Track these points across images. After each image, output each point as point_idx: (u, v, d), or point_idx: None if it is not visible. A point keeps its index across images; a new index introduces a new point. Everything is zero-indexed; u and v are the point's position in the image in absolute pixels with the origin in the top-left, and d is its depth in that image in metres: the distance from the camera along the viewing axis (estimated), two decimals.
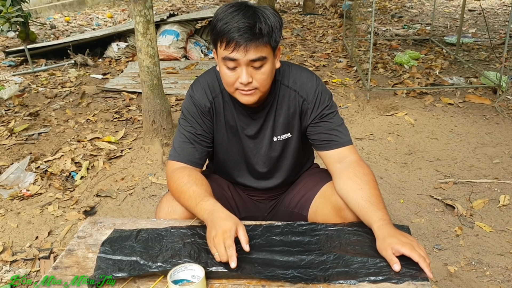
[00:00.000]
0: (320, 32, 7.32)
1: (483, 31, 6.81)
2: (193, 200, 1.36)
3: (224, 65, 1.36)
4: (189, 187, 1.39)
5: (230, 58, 1.32)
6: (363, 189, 1.35)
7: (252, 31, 1.29)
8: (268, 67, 1.37)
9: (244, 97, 1.39)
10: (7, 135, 3.69)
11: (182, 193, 1.40)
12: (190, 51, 5.97)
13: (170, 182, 1.46)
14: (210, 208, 1.31)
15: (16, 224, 2.61)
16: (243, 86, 1.36)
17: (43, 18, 9.07)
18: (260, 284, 1.16)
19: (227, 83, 1.39)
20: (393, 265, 1.16)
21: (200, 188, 1.39)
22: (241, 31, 1.28)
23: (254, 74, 1.35)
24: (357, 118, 3.92)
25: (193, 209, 1.36)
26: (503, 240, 2.37)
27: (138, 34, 3.12)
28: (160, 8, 10.51)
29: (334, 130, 1.49)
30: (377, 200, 1.32)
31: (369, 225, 1.29)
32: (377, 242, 1.23)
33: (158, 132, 3.35)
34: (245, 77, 1.33)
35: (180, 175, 1.44)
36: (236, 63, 1.33)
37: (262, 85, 1.38)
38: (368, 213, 1.30)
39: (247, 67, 1.33)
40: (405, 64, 5.22)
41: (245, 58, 1.31)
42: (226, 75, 1.37)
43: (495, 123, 3.72)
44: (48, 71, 5.50)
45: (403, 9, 9.36)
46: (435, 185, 2.89)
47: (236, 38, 1.29)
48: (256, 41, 1.30)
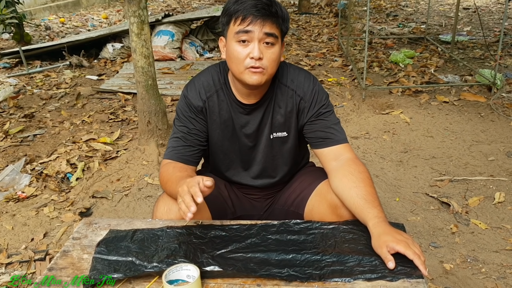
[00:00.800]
0: (315, 32, 7.33)
1: (478, 29, 6.83)
2: (175, 184, 1.35)
3: (236, 40, 1.38)
4: (172, 174, 1.42)
5: (245, 31, 1.35)
6: (358, 186, 1.35)
7: (269, 9, 1.35)
8: (278, 49, 1.40)
9: (253, 76, 1.39)
10: (2, 137, 3.68)
11: (167, 181, 1.43)
12: (185, 52, 5.96)
13: (159, 177, 1.50)
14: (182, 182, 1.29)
15: (11, 226, 2.60)
16: (254, 63, 1.37)
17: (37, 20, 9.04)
18: (255, 283, 1.16)
19: (237, 60, 1.39)
20: (388, 262, 1.16)
21: (182, 174, 1.41)
22: (258, 7, 1.34)
23: (265, 52, 1.38)
24: (353, 117, 3.93)
25: (175, 190, 1.34)
26: (498, 237, 2.37)
27: (133, 34, 3.12)
28: (155, 8, 10.49)
29: (330, 128, 1.50)
30: (372, 197, 1.33)
31: (364, 223, 1.29)
32: (372, 239, 1.23)
33: (154, 133, 3.35)
34: (257, 51, 1.35)
35: (167, 167, 1.48)
36: (249, 37, 1.36)
37: (270, 66, 1.39)
38: (363, 210, 1.30)
39: (259, 43, 1.36)
40: (401, 62, 5.23)
41: (261, 31, 1.35)
42: (236, 52, 1.38)
43: (490, 120, 3.73)
44: (43, 73, 5.48)
45: (398, 7, 9.38)
46: (431, 183, 2.90)
47: (254, 13, 1.34)
48: (272, 18, 1.36)
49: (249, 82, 1.41)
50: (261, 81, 1.40)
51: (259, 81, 1.40)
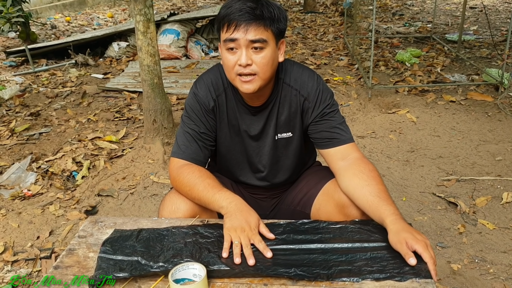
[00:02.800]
0: (321, 30, 7.31)
1: (485, 28, 6.79)
2: (209, 190, 1.38)
3: (225, 48, 1.36)
4: (203, 180, 1.41)
5: (230, 39, 1.33)
6: (370, 184, 1.34)
7: (253, 13, 1.31)
8: (269, 52, 1.36)
9: (244, 85, 1.38)
10: (8, 135, 3.69)
11: (195, 185, 1.41)
12: (190, 50, 5.96)
13: (178, 177, 1.46)
14: (231, 197, 1.35)
15: (17, 224, 2.61)
16: (243, 69, 1.35)
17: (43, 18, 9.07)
18: (262, 283, 1.15)
19: (227, 67, 1.39)
20: (409, 259, 1.15)
21: (214, 181, 1.42)
22: (242, 11, 1.31)
23: (254, 57, 1.35)
24: (359, 116, 3.91)
25: (209, 198, 1.37)
26: (506, 238, 2.35)
27: (139, 33, 3.11)
28: (161, 7, 10.50)
29: (335, 128, 1.49)
30: (386, 195, 1.32)
31: (380, 220, 1.28)
32: (390, 235, 1.22)
33: (159, 131, 3.34)
34: (244, 58, 1.33)
35: (190, 170, 1.45)
36: (236, 44, 1.34)
37: (262, 71, 1.36)
38: (378, 208, 1.28)
39: (247, 49, 1.34)
40: (407, 61, 5.21)
41: (245, 38, 1.32)
42: (226, 59, 1.37)
43: (497, 120, 3.70)
44: (49, 71, 5.50)
45: (404, 6, 9.33)
46: (438, 182, 2.88)
47: (237, 18, 1.31)
48: (257, 21, 1.32)
49: (242, 91, 1.40)
50: (254, 88, 1.38)
51: (252, 90, 1.38)
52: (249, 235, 1.25)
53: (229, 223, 1.28)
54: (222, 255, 1.21)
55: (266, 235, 1.28)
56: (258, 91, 1.42)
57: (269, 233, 1.29)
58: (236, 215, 1.30)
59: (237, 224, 1.27)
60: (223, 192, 1.37)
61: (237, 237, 1.24)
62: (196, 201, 1.43)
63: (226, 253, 1.21)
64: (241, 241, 1.22)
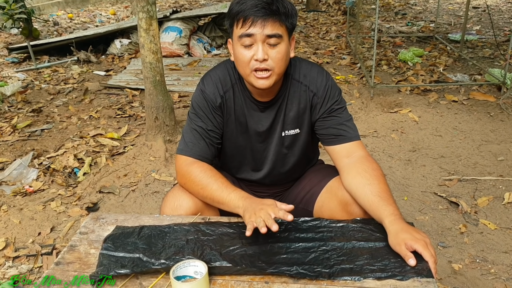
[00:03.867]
0: (323, 29, 7.30)
1: (488, 28, 6.77)
2: (224, 190, 1.38)
3: (240, 44, 1.36)
4: (216, 180, 1.41)
5: (247, 34, 1.33)
6: (372, 184, 1.34)
7: (269, 8, 1.32)
8: (284, 47, 1.36)
9: (260, 81, 1.37)
10: (10, 131, 3.69)
11: (208, 184, 1.41)
12: (193, 48, 5.95)
13: (189, 175, 1.45)
14: (246, 196, 1.36)
15: (18, 220, 2.61)
16: (259, 64, 1.35)
17: (46, 15, 9.07)
18: (263, 281, 1.15)
19: (242, 63, 1.38)
20: (409, 260, 1.15)
21: (227, 181, 1.43)
22: (258, 7, 1.31)
23: (270, 52, 1.35)
24: (361, 115, 3.90)
25: (224, 198, 1.38)
26: (508, 238, 2.35)
27: (141, 30, 3.11)
28: (163, 5, 10.49)
29: (342, 125, 1.49)
30: (387, 195, 1.31)
31: (380, 220, 1.28)
32: (389, 237, 1.22)
33: (161, 129, 3.34)
34: (261, 53, 1.33)
35: (202, 168, 1.45)
36: (252, 40, 1.33)
37: (277, 66, 1.37)
38: (378, 208, 1.28)
39: (263, 44, 1.34)
40: (409, 61, 5.20)
41: (262, 33, 1.32)
42: (241, 55, 1.37)
43: (499, 120, 3.69)
44: (51, 68, 5.50)
45: (407, 6, 9.31)
46: (439, 182, 2.87)
47: (253, 14, 1.31)
48: (273, 17, 1.32)
49: (257, 86, 1.40)
50: (270, 84, 1.38)
51: (267, 85, 1.38)
52: (268, 210, 1.24)
53: (247, 214, 1.28)
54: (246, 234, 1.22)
55: (286, 208, 1.27)
56: (270, 87, 1.42)
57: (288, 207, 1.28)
58: (252, 205, 1.30)
59: (255, 209, 1.26)
60: (237, 192, 1.37)
61: (258, 217, 1.23)
62: (207, 200, 1.43)
63: (249, 232, 1.22)
64: (263, 218, 1.22)
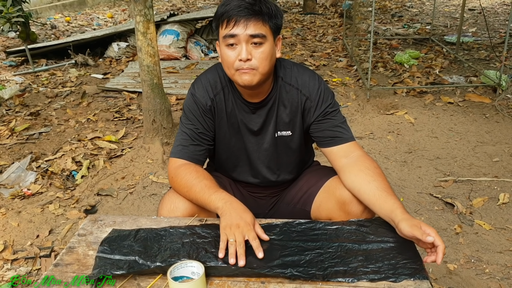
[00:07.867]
0: (320, 32, 7.33)
1: (483, 30, 6.81)
2: (206, 191, 1.39)
3: (224, 45, 1.38)
4: (200, 181, 1.42)
5: (230, 35, 1.35)
6: (377, 180, 1.37)
7: (252, 8, 1.34)
8: (268, 47, 1.38)
9: (244, 76, 1.39)
10: (8, 135, 3.70)
11: (192, 186, 1.42)
12: (190, 51, 5.97)
13: (176, 178, 1.47)
14: (227, 198, 1.37)
15: (17, 223, 2.62)
16: (243, 64, 1.37)
17: (43, 18, 9.08)
18: (259, 281, 1.17)
19: (227, 63, 1.40)
20: (427, 238, 1.17)
21: (211, 182, 1.43)
22: (241, 7, 1.34)
23: (254, 52, 1.37)
24: (357, 117, 3.93)
25: (206, 199, 1.39)
26: (502, 238, 2.37)
27: (139, 33, 3.13)
28: (161, 8, 10.51)
29: (337, 127, 1.51)
30: (392, 191, 1.35)
31: (388, 212, 1.30)
32: (402, 224, 1.23)
33: (159, 131, 3.36)
34: (244, 53, 1.35)
35: (188, 170, 1.46)
36: (236, 40, 1.36)
37: (261, 65, 1.38)
38: (387, 201, 1.31)
39: (247, 44, 1.36)
40: (405, 63, 5.22)
41: (245, 33, 1.34)
42: (226, 55, 1.39)
43: (495, 121, 3.72)
44: (49, 71, 5.51)
45: (403, 8, 9.36)
46: (435, 183, 2.89)
47: (236, 14, 1.33)
48: (256, 17, 1.35)
49: (241, 83, 1.41)
50: (252, 80, 1.39)
51: (250, 81, 1.39)
52: (244, 231, 1.26)
53: (224, 222, 1.30)
54: (218, 255, 1.22)
55: (261, 236, 1.29)
56: (257, 87, 1.44)
57: (264, 234, 1.29)
58: (231, 213, 1.31)
59: (232, 221, 1.28)
60: (219, 193, 1.38)
61: (232, 234, 1.25)
62: (194, 202, 1.44)
63: (222, 254, 1.22)
64: (236, 239, 1.23)
